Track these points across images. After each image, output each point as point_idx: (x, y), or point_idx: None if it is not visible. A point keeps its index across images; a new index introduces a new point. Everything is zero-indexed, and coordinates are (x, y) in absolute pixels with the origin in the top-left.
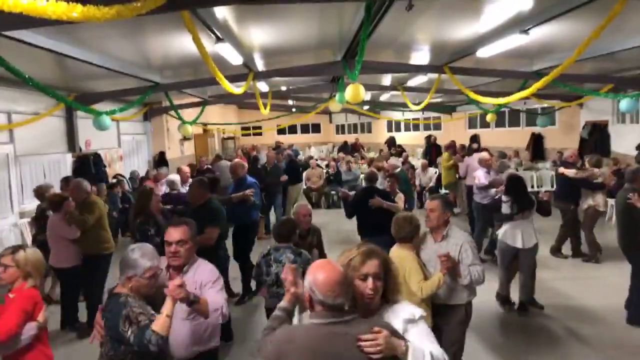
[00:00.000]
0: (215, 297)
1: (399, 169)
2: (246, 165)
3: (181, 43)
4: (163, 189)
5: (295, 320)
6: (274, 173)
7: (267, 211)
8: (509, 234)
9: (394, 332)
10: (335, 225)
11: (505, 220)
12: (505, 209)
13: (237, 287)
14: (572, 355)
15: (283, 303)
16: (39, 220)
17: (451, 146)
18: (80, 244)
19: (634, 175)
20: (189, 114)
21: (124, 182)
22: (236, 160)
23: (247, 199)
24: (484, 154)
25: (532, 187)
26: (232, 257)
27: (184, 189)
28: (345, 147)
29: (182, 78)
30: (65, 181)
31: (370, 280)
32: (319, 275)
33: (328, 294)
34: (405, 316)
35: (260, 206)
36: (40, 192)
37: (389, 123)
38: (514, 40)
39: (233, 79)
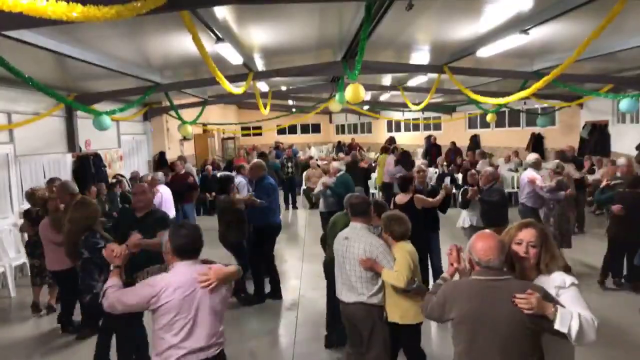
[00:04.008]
0: None
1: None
2: (264, 165)
3: (181, 43)
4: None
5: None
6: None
7: None
8: None
9: (546, 296)
10: None
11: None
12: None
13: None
14: None
15: (445, 274)
16: (33, 222)
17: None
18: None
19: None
20: (189, 114)
21: (124, 182)
22: (255, 160)
23: (253, 202)
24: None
25: None
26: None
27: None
28: (339, 148)
29: (182, 78)
30: (50, 182)
31: (524, 245)
32: (477, 242)
33: (482, 256)
34: (557, 283)
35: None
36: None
37: (389, 123)
38: (514, 40)
39: (233, 79)
